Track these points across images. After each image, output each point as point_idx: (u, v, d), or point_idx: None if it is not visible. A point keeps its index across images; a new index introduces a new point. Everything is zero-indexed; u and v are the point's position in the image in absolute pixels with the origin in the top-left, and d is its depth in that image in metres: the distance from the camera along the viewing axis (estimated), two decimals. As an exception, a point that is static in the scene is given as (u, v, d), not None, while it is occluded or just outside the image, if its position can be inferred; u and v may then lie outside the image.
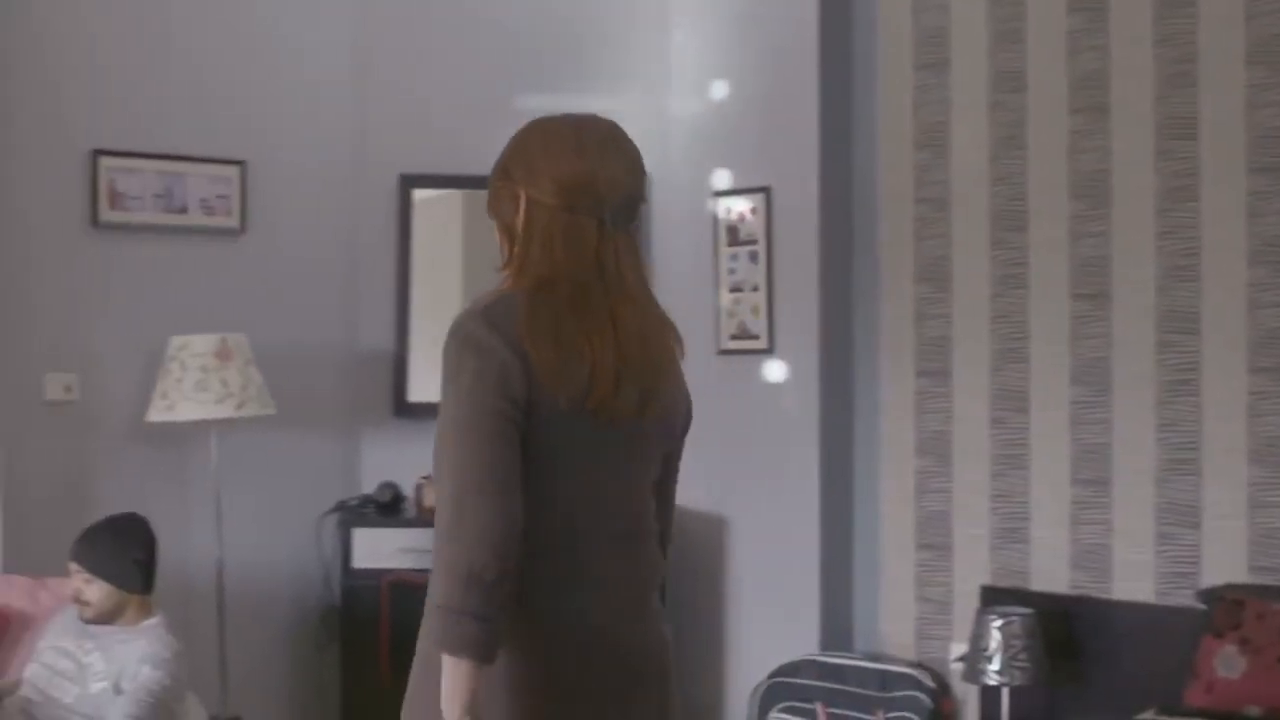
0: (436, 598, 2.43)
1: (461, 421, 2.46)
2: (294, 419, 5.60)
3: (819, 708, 5.33)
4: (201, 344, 5.35)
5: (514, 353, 2.49)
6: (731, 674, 5.92)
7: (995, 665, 4.85)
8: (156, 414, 5.38)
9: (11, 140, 5.29)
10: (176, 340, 5.39)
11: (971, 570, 5.36)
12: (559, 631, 2.55)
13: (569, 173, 2.62)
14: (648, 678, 2.68)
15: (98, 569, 4.28)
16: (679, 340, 2.77)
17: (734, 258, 5.87)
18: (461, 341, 2.52)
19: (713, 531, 5.97)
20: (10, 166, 5.28)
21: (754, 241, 5.80)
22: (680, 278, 6.06)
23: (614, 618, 2.61)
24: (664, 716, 2.71)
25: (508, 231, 2.68)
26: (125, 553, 4.32)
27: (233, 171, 5.84)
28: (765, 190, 5.76)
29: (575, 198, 2.61)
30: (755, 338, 5.80)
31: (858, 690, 5.32)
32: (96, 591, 4.29)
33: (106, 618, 4.31)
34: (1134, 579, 4.94)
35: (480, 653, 2.40)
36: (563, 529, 2.56)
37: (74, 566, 4.31)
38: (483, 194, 2.76)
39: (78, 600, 4.30)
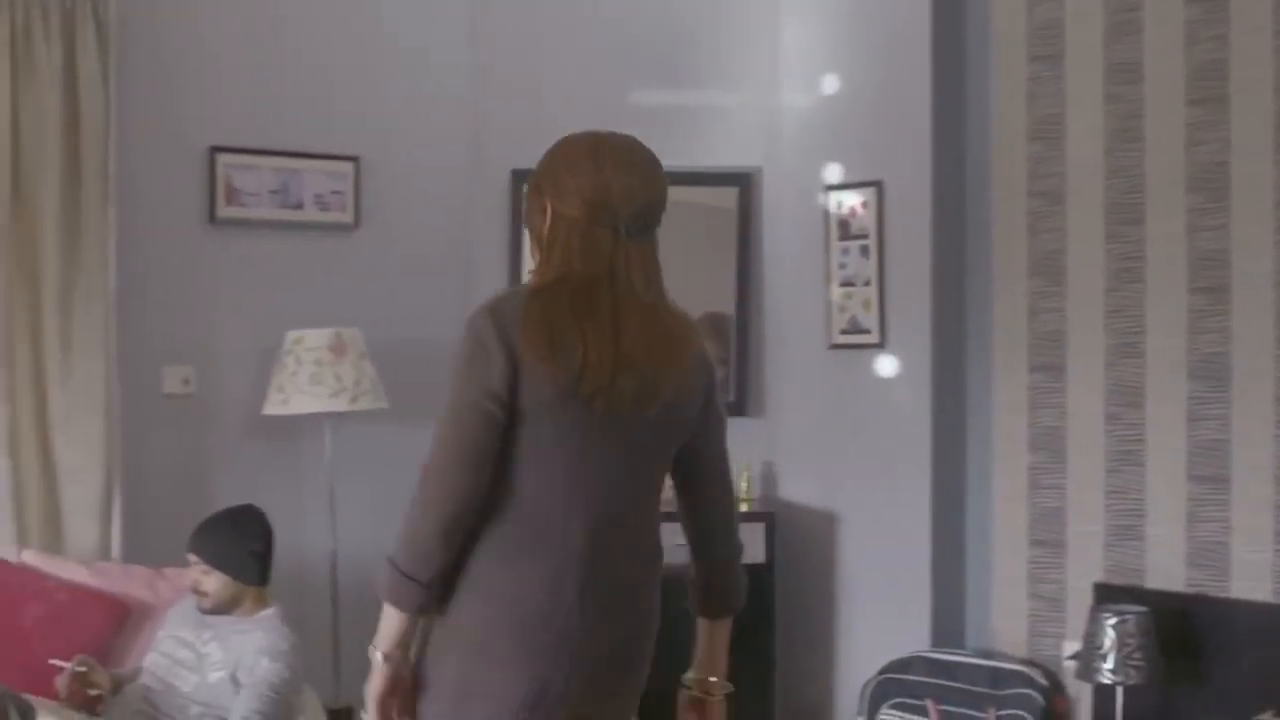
0: (390, 551, 2.77)
1: (448, 408, 2.76)
2: (407, 413, 5.63)
3: (930, 705, 5.29)
4: (316, 338, 5.41)
5: (505, 346, 2.74)
6: (841, 670, 5.90)
7: (1109, 664, 4.79)
8: (272, 407, 5.45)
9: (131, 138, 5.38)
10: (292, 334, 5.46)
11: (1085, 567, 5.29)
12: (510, 603, 2.78)
13: (587, 186, 2.84)
14: (609, 661, 2.88)
15: (216, 560, 4.34)
16: (700, 337, 2.99)
17: (845, 252, 5.83)
18: (466, 334, 2.78)
19: (823, 527, 5.95)
20: (130, 164, 5.36)
21: (865, 236, 5.76)
22: (790, 272, 6.05)
23: (580, 595, 2.81)
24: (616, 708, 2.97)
25: (538, 240, 2.91)
26: (243, 545, 4.38)
27: (347, 167, 5.90)
28: (877, 184, 5.73)
29: (592, 209, 2.84)
30: (866, 332, 5.77)
31: (969, 688, 5.28)
32: (214, 583, 4.35)
33: (224, 608, 4.36)
34: (1252, 578, 4.85)
35: (410, 608, 2.76)
36: (541, 507, 2.80)
37: (192, 558, 4.37)
38: None
39: (196, 591, 4.37)
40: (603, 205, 2.84)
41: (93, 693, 4.19)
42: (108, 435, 5.16)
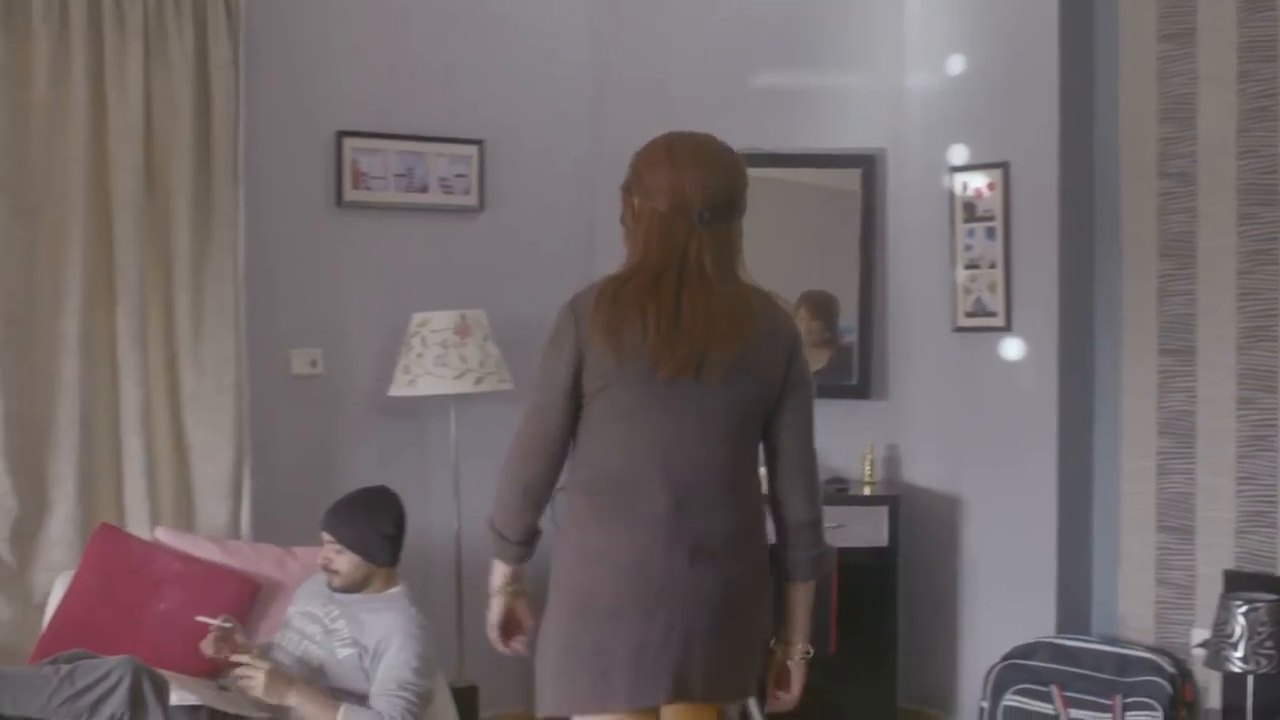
0: (489, 515, 3.31)
1: (533, 390, 3.26)
2: (530, 394, 5.66)
3: (1055, 691, 5.24)
4: (441, 320, 5.46)
5: (576, 335, 3.17)
6: (965, 655, 5.86)
7: (1239, 652, 4.72)
8: (398, 389, 5.50)
9: (259, 123, 5.45)
10: (417, 316, 5.51)
11: (1215, 554, 5.21)
12: (606, 564, 3.15)
13: (664, 182, 3.21)
14: (706, 609, 3.15)
15: (349, 541, 4.40)
16: (779, 313, 3.33)
17: (970, 234, 5.78)
18: (554, 324, 3.22)
19: (947, 511, 5.91)
20: (258, 148, 5.44)
21: (991, 217, 5.71)
22: (914, 255, 6.01)
23: (667, 553, 3.14)
24: (720, 647, 3.19)
25: (626, 233, 3.31)
26: (375, 527, 4.44)
27: (471, 151, 5.94)
28: (1003, 165, 5.67)
29: (669, 202, 3.20)
30: (992, 315, 5.72)
31: (1095, 674, 5.22)
32: (346, 562, 4.41)
33: (354, 587, 4.42)
34: (1389, 566, 4.77)
35: (506, 561, 3.34)
36: (626, 476, 3.17)
37: (326, 536, 4.44)
38: None
39: (327, 569, 4.43)
40: (678, 197, 3.19)
41: (235, 658, 4.27)
42: (237, 416, 5.24)
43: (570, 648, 3.18)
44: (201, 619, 4.35)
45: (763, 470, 3.37)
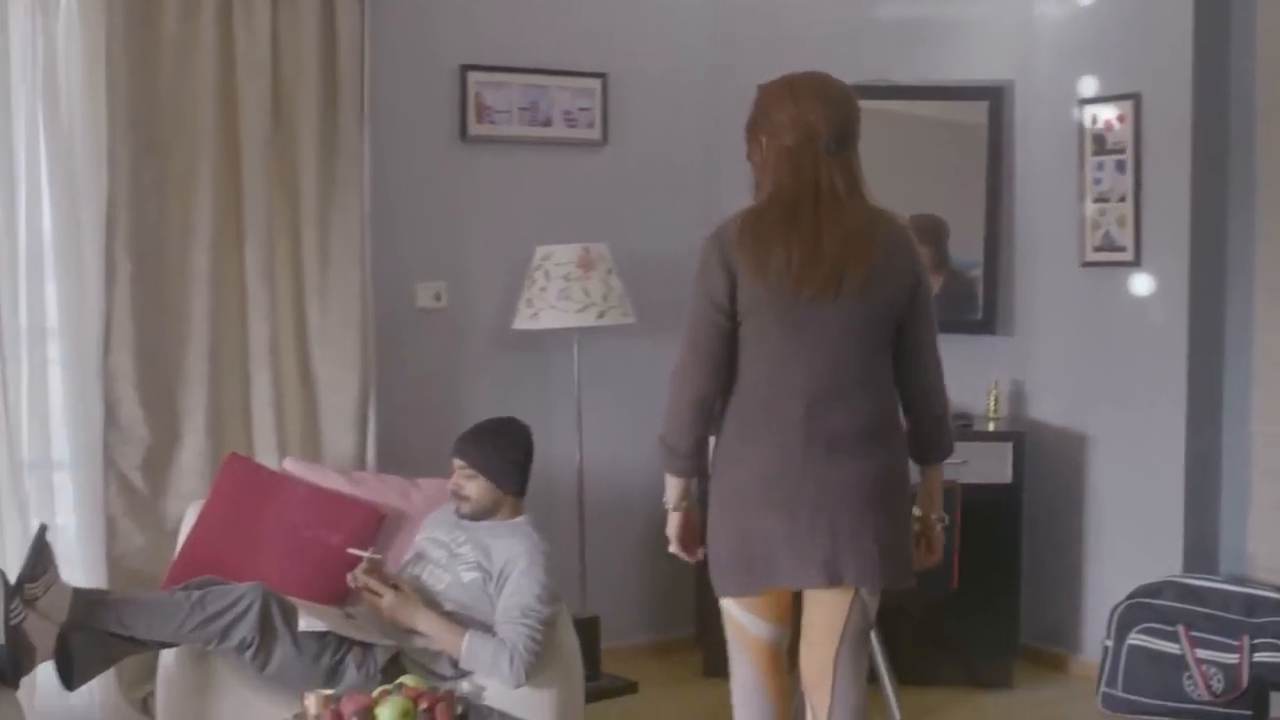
0: (661, 433, 3.60)
1: (688, 316, 3.55)
2: (653, 327, 5.67)
3: (1181, 630, 5.19)
4: (565, 253, 5.48)
5: (724, 262, 3.49)
6: (1089, 592, 5.82)
7: (1371, 594, 4.64)
8: (521, 322, 5.54)
9: (385, 57, 5.48)
10: (541, 250, 5.53)
11: (1348, 494, 5.12)
12: (752, 468, 3.54)
13: (789, 118, 3.51)
14: (846, 502, 3.50)
15: (479, 465, 4.46)
16: (903, 230, 3.62)
17: (1100, 167, 5.69)
18: (699, 257, 3.54)
19: (1073, 448, 5.85)
20: (384, 83, 5.47)
21: (1121, 150, 5.61)
22: (1042, 188, 5.93)
23: (804, 457, 3.49)
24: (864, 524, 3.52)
25: (757, 172, 3.60)
26: (505, 453, 4.50)
27: (594, 84, 5.95)
28: (1134, 97, 5.56)
29: (797, 135, 3.50)
30: (1121, 250, 5.63)
31: (1222, 614, 5.16)
32: (476, 487, 4.46)
33: (482, 514, 4.47)
34: None
35: (678, 473, 3.64)
36: (767, 391, 3.52)
37: (458, 462, 4.49)
38: None
39: (458, 495, 4.48)
40: (805, 131, 3.50)
41: (379, 596, 4.35)
42: (363, 349, 5.30)
43: (732, 540, 3.59)
44: (353, 551, 4.43)
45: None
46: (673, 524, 3.72)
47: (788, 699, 3.80)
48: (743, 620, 3.71)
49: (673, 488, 3.68)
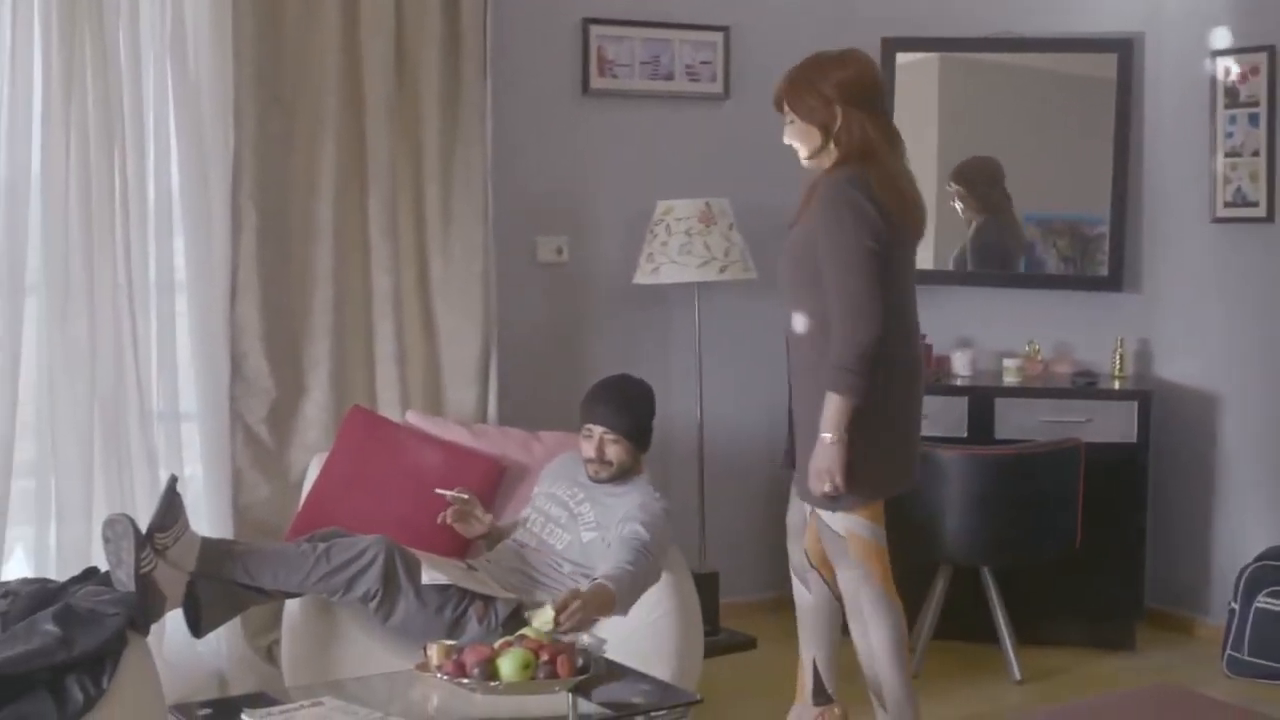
0: (838, 361, 3.96)
1: (848, 255, 3.96)
2: (774, 282, 5.63)
3: (1310, 594, 5.11)
4: (686, 208, 5.47)
5: (875, 205, 3.96)
6: (1217, 554, 5.74)
7: None
8: (642, 277, 5.54)
9: (507, 12, 5.48)
10: (662, 204, 5.52)
11: None
12: (901, 400, 4.13)
13: (861, 86, 4.11)
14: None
15: (625, 430, 4.46)
16: None
17: (1232, 121, 5.58)
18: (840, 203, 3.99)
19: (1201, 407, 5.76)
20: (506, 37, 5.47)
21: (1255, 103, 5.50)
22: (1171, 142, 5.83)
23: (919, 394, 4.24)
24: None
25: (824, 131, 4.10)
26: (644, 417, 4.54)
27: (717, 38, 5.92)
28: (1269, 49, 5.45)
29: (871, 100, 4.11)
30: (1254, 205, 5.53)
31: (1353, 578, 5.07)
32: (620, 451, 4.46)
33: (621, 477, 4.48)
34: None
35: (858, 399, 3.97)
36: (909, 323, 4.15)
37: (598, 429, 4.47)
38: (961, 56, 4.48)
39: (599, 460, 4.47)
40: (876, 93, 4.15)
41: (472, 532, 4.39)
42: (485, 303, 5.32)
43: (887, 457, 4.11)
44: (439, 491, 4.48)
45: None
46: (834, 453, 3.99)
47: None
48: (880, 533, 4.16)
49: (844, 414, 3.97)
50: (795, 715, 4.51)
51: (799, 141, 4.19)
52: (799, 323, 4.14)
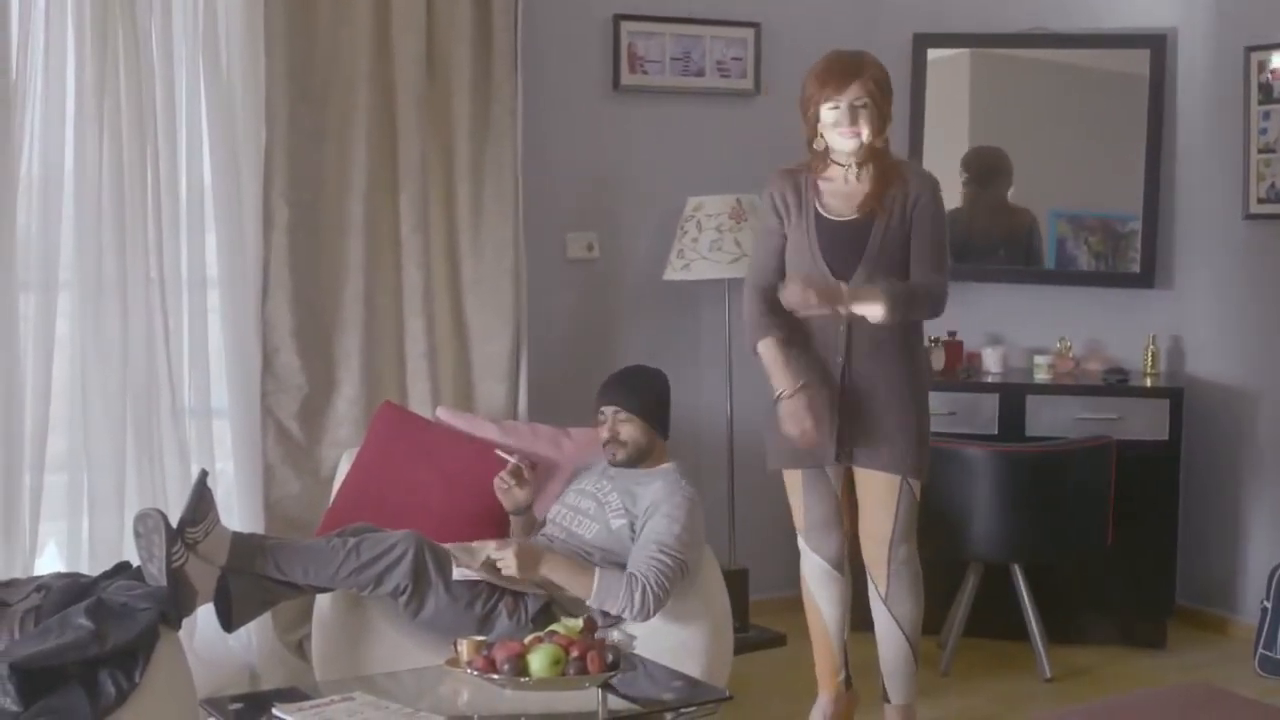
0: (925, 289, 4.35)
1: (948, 240, 4.46)
2: (804, 280, 5.64)
3: (1344, 592, 5.08)
4: (716, 205, 5.47)
5: None
6: (1249, 552, 5.72)
7: None
8: (673, 273, 5.54)
9: (538, 8, 5.48)
10: (692, 201, 5.52)
11: None
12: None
13: None
14: None
15: (635, 407, 4.52)
16: None
17: (1266, 116, 5.55)
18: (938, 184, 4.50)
19: (1234, 405, 5.74)
20: (536, 33, 5.47)
21: (1290, 99, 5.48)
22: (1204, 138, 5.81)
23: None
24: None
25: (886, 122, 4.48)
26: (653, 394, 4.59)
27: (747, 34, 5.92)
28: (1304, 44, 5.43)
29: None
30: (1288, 201, 5.51)
31: (1387, 577, 5.05)
32: (633, 430, 4.51)
33: (638, 457, 4.51)
34: None
35: (897, 318, 4.26)
36: None
37: (610, 408, 4.53)
38: (992, 53, 4.39)
39: (614, 441, 4.51)
40: None
41: (515, 501, 4.57)
42: (515, 299, 5.32)
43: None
44: (500, 453, 4.60)
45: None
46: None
47: None
48: None
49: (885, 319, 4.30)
50: (821, 707, 4.55)
51: (870, 129, 4.45)
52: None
